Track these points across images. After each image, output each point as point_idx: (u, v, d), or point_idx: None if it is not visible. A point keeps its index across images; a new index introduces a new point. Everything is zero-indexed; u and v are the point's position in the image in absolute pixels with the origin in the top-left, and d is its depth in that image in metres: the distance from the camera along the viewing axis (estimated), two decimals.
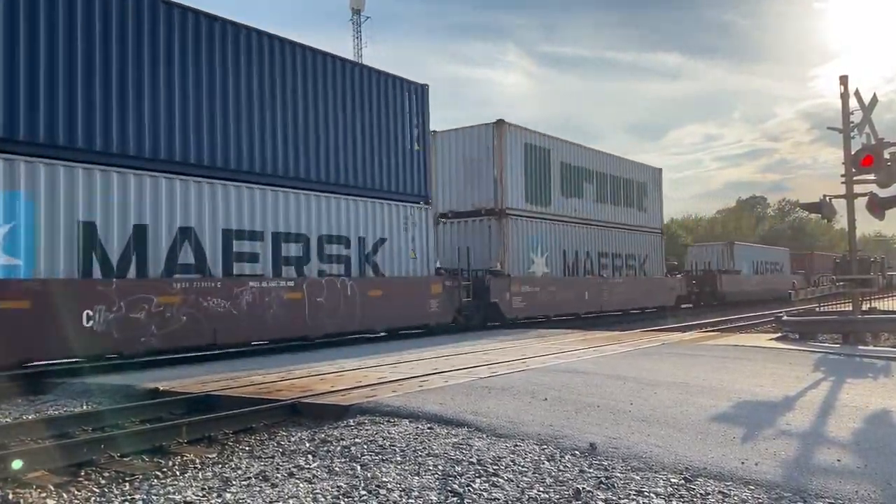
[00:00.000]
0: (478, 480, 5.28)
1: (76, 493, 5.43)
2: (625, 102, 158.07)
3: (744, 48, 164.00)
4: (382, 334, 18.31)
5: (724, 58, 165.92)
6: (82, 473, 5.97)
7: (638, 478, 5.34)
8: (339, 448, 6.30)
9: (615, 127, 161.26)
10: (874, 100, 14.78)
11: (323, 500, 4.91)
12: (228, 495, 5.06)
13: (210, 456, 6.46)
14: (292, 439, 6.86)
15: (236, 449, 6.74)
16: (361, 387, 9.19)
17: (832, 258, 29.47)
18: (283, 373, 10.95)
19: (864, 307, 17.60)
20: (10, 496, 5.26)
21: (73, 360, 12.17)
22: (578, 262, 26.98)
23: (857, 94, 14.75)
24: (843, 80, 14.97)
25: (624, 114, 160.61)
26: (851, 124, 14.77)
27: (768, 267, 50.56)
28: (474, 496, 4.94)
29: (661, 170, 34.48)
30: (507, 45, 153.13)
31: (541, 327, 21.27)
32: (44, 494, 5.35)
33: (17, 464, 5.89)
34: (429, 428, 6.92)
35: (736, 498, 4.88)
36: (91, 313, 12.05)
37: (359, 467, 5.68)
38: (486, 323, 21.88)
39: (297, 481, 5.37)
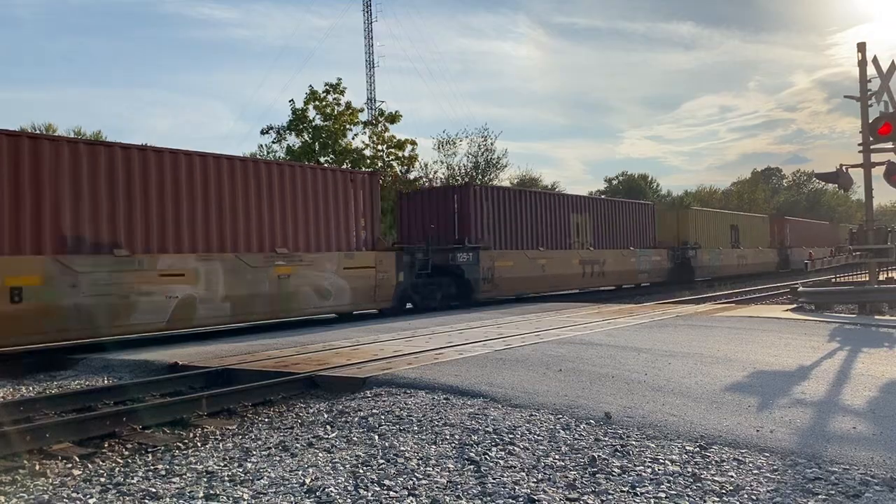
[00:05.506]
0: (494, 449, 5.34)
1: (101, 463, 5.54)
2: (639, 74, 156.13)
3: (759, 16, 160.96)
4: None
5: (740, 27, 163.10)
6: (106, 445, 6.10)
7: (653, 445, 5.38)
8: (358, 419, 6.38)
9: (629, 99, 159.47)
10: (892, 67, 14.54)
11: (342, 468, 4.99)
12: (249, 465, 5.16)
13: (230, 427, 6.57)
14: (310, 411, 6.96)
15: (256, 421, 6.83)
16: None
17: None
18: (297, 347, 11.07)
19: (881, 277, 17.48)
20: (37, 467, 5.38)
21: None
22: None
23: (874, 61, 14.51)
24: (861, 47, 14.74)
25: (638, 85, 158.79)
26: (869, 92, 14.55)
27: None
28: (491, 464, 5.01)
29: None
30: (518, 16, 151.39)
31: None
32: (69, 465, 5.47)
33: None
34: (444, 398, 6.99)
35: (751, 464, 4.92)
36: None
37: (377, 437, 5.76)
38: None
39: (316, 451, 5.46)
